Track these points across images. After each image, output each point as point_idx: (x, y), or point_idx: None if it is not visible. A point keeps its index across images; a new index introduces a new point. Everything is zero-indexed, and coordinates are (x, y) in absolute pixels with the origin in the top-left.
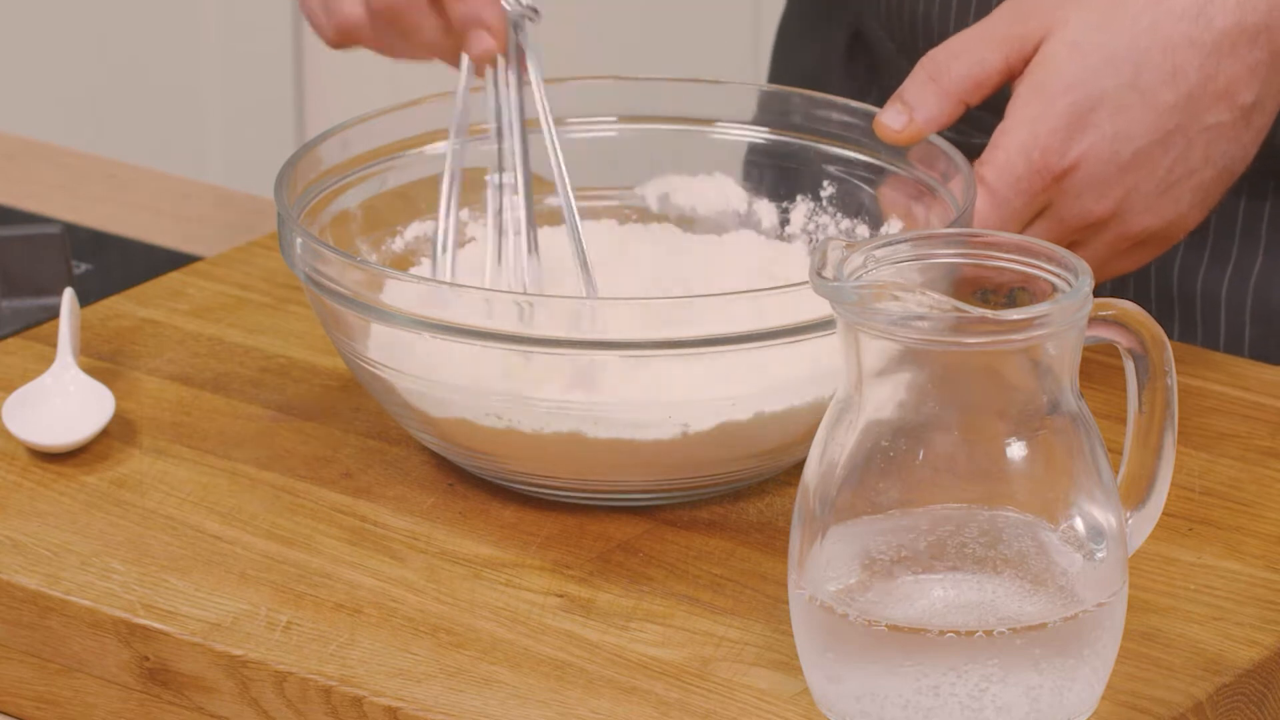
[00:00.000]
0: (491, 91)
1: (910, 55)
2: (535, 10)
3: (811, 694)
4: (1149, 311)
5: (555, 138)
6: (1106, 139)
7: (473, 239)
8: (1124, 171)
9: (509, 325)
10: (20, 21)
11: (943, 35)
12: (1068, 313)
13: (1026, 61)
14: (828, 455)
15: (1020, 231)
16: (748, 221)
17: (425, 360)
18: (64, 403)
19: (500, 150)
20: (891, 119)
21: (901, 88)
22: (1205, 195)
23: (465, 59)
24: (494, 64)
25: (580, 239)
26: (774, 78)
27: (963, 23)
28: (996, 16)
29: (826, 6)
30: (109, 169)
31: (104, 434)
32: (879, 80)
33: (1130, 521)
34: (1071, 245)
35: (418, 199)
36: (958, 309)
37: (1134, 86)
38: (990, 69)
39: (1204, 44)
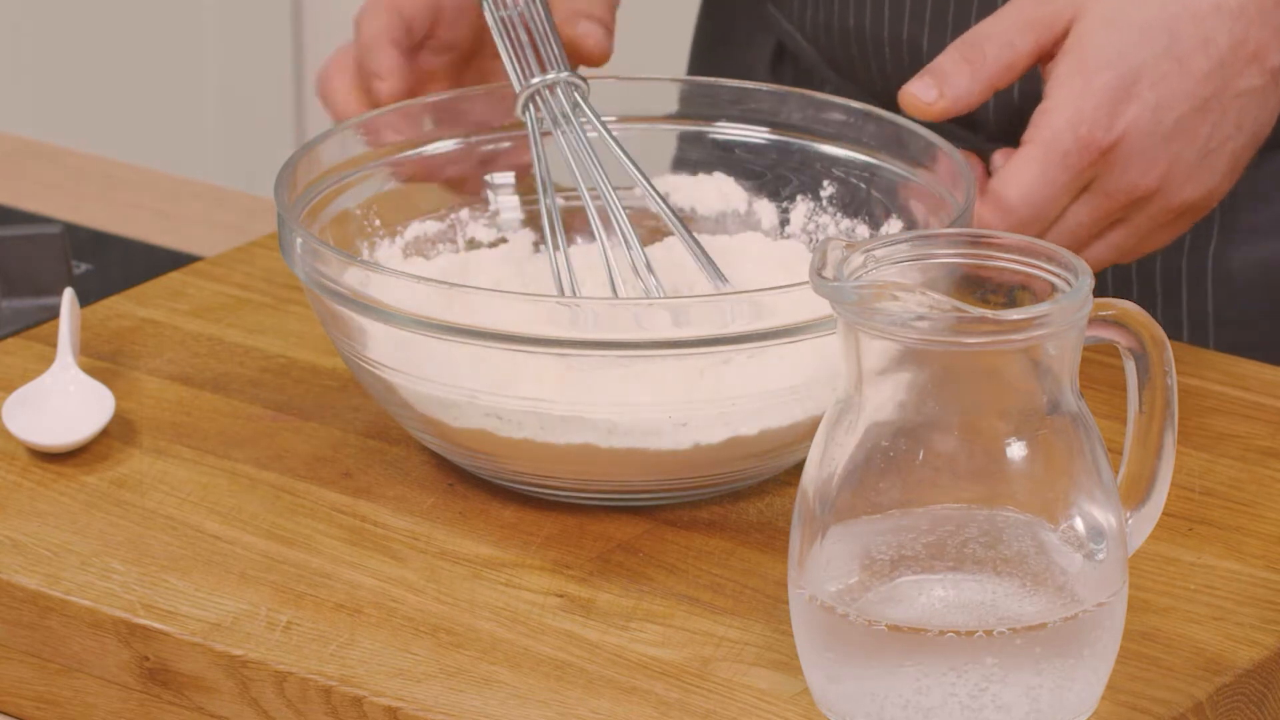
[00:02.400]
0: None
1: (838, 66)
2: (583, 79)
3: (811, 694)
4: (1110, 287)
5: (616, 201)
6: (1149, 109)
7: (472, 239)
8: (1167, 141)
9: (507, 325)
10: (20, 21)
11: (876, 44)
12: (1068, 313)
13: (1057, 43)
14: (828, 455)
15: (1068, 205)
16: (748, 221)
17: (425, 360)
18: (64, 403)
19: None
20: (922, 91)
21: (934, 63)
22: (1236, 162)
23: (530, 120)
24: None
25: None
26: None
27: (897, 31)
28: (1018, 1)
29: (745, 24)
30: (109, 169)
31: (104, 434)
32: (808, 88)
33: (1130, 521)
34: (1115, 223)
35: (418, 199)
36: (958, 309)
37: (1170, 55)
38: (1020, 52)
39: (1230, 9)
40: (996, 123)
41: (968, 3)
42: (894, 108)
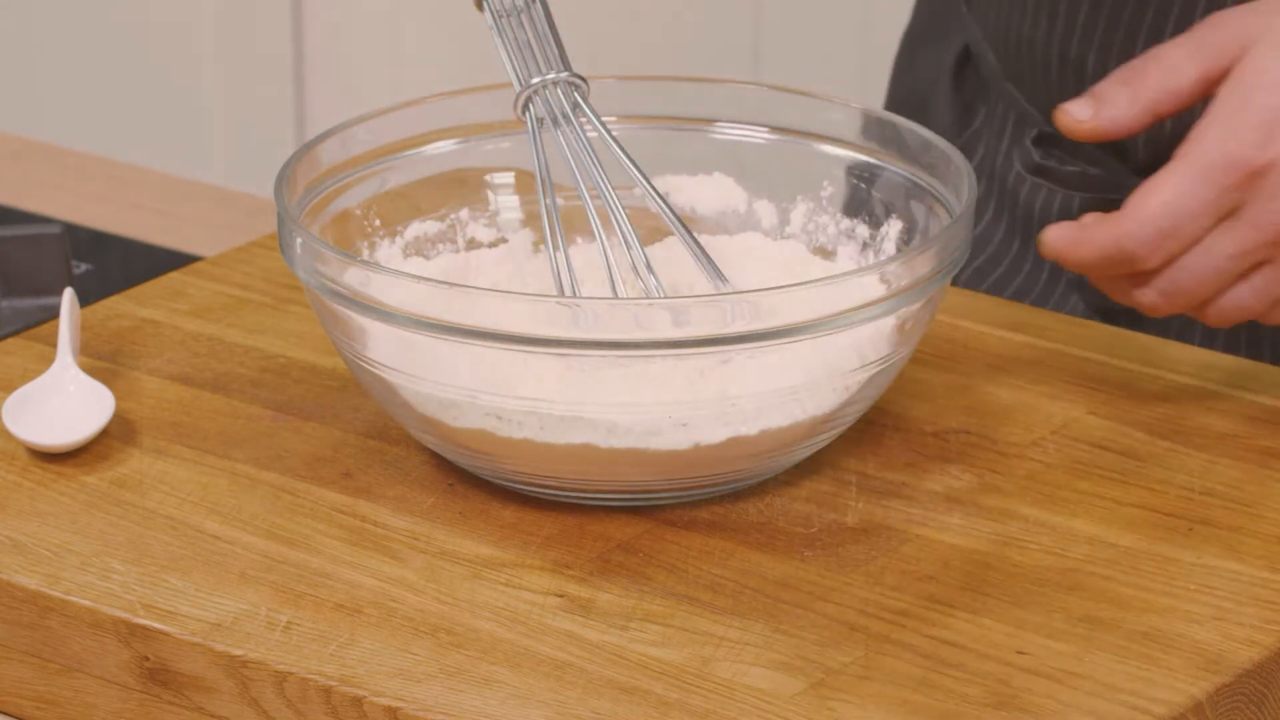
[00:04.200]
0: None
1: (1014, 77)
2: (583, 79)
3: None
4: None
5: (612, 194)
6: None
7: (472, 239)
8: None
9: (507, 325)
10: (21, 21)
11: (1045, 59)
12: None
13: (1225, 73)
14: None
15: (1208, 228)
16: (747, 221)
17: (425, 360)
18: (64, 403)
19: (589, 202)
20: (1078, 110)
21: (1097, 85)
22: None
23: (529, 119)
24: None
25: (638, 247)
26: (891, 91)
27: (1067, 45)
28: (1198, 27)
29: (939, 24)
30: (109, 169)
31: (104, 434)
32: (985, 99)
33: None
34: (1261, 263)
35: (418, 199)
36: None
37: None
38: (1184, 78)
39: None
40: (1146, 154)
41: (1136, 27)
42: None
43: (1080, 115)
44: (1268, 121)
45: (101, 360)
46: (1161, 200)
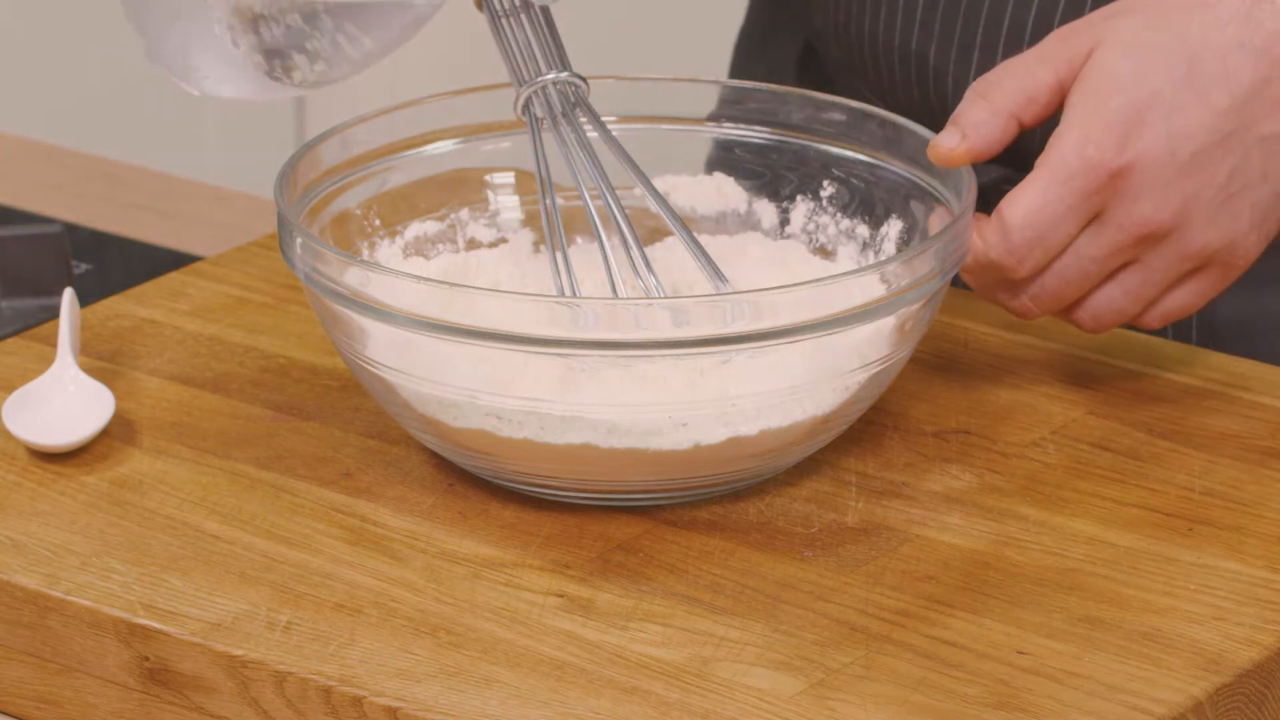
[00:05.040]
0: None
1: (858, 70)
2: (583, 79)
3: None
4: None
5: (611, 197)
6: (1164, 138)
7: (472, 239)
8: (1184, 175)
9: (507, 325)
10: (20, 21)
11: (887, 53)
12: None
13: (1077, 76)
14: None
15: (1074, 233)
16: (747, 221)
17: (425, 360)
18: (64, 403)
19: (589, 203)
20: (945, 138)
21: (955, 111)
22: (1264, 217)
23: (530, 119)
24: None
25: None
26: None
27: (907, 38)
28: (1045, 40)
29: (780, 19)
30: (109, 169)
31: (104, 434)
32: (830, 91)
33: None
34: (1129, 264)
35: (418, 199)
36: None
37: (1188, 86)
38: (1040, 83)
39: (1254, 47)
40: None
41: (975, 18)
42: (903, 116)
43: (950, 143)
44: (1123, 122)
45: (101, 360)
46: (1025, 211)
